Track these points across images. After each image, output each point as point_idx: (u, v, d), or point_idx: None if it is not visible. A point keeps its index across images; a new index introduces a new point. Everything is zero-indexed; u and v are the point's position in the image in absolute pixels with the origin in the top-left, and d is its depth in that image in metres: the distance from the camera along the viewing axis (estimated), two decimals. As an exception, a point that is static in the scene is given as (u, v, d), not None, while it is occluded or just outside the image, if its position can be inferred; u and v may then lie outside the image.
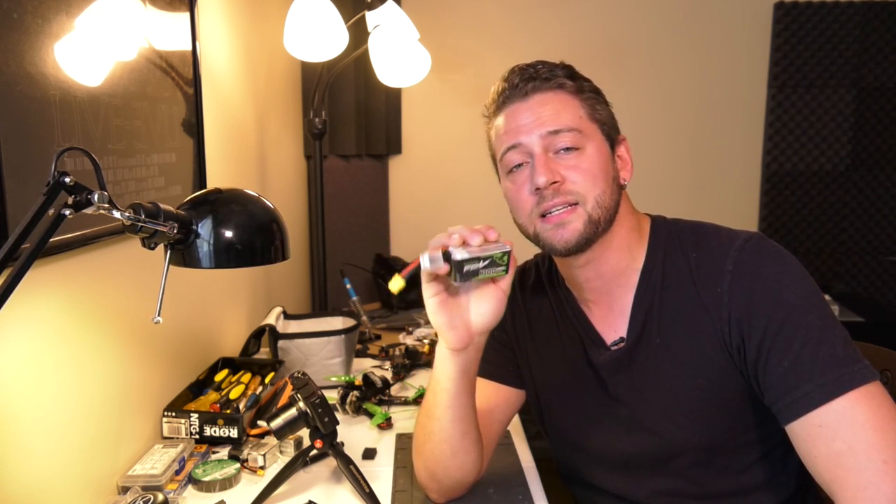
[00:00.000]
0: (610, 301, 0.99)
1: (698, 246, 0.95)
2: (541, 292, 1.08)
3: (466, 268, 0.82)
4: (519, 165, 0.94)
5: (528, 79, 0.93)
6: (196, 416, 1.23)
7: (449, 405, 0.95)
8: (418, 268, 0.84)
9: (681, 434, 0.94)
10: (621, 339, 0.98)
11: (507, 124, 0.94)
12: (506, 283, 0.89)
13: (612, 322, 0.99)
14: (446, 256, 0.82)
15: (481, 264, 0.83)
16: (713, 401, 0.92)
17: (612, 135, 0.96)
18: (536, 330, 1.07)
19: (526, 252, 1.18)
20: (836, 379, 0.80)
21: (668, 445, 0.95)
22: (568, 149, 0.91)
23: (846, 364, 0.81)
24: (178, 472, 1.12)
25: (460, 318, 0.90)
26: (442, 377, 0.94)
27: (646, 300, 0.96)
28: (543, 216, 0.92)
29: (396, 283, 0.84)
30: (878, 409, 0.79)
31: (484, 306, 0.89)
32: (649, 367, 0.95)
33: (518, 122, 0.93)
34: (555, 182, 0.90)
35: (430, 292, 0.88)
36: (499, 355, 1.10)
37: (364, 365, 1.72)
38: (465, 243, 0.84)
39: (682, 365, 0.93)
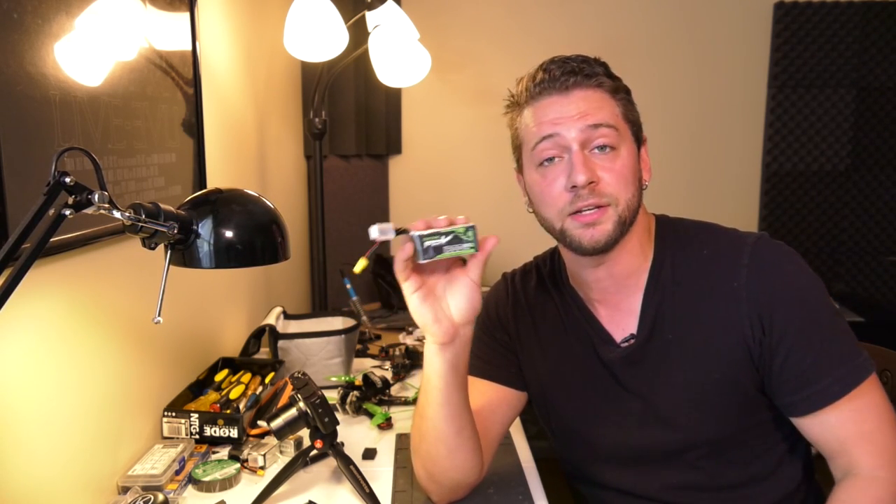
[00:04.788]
0: (618, 300, 1.00)
1: (708, 242, 0.97)
2: (544, 293, 1.08)
3: (427, 243, 0.82)
4: (551, 159, 0.93)
5: (570, 73, 0.92)
6: (196, 416, 1.23)
7: (441, 403, 0.94)
8: (378, 245, 0.83)
9: (694, 427, 0.96)
10: (632, 336, 0.99)
11: (543, 114, 0.93)
12: (474, 272, 0.88)
13: (621, 320, 1.00)
14: (403, 232, 0.82)
15: (444, 239, 0.83)
16: (728, 394, 0.94)
17: (639, 136, 0.97)
18: (542, 330, 1.07)
19: (527, 245, 1.18)
20: (850, 371, 0.89)
21: (682, 439, 0.96)
22: (603, 147, 0.91)
23: (855, 357, 0.90)
24: (178, 472, 1.12)
25: (443, 312, 0.89)
26: (432, 375, 0.93)
27: (656, 297, 0.97)
28: (573, 214, 0.91)
29: (359, 265, 0.83)
30: (883, 393, 0.92)
31: (458, 298, 0.89)
32: (662, 362, 0.96)
33: (558, 113, 0.91)
34: (592, 182, 0.89)
35: (409, 290, 0.87)
36: (500, 357, 1.10)
37: (364, 365, 1.72)
38: (429, 227, 0.84)
39: (697, 359, 0.94)
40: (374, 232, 0.81)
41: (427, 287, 0.89)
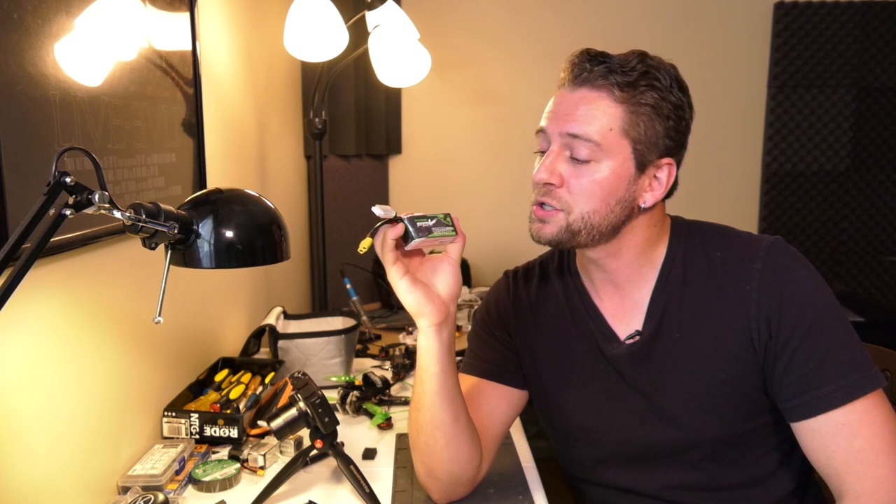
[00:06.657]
0: (623, 295, 1.00)
1: (722, 245, 0.98)
2: (547, 289, 1.09)
3: (419, 223, 0.90)
4: (544, 151, 0.96)
5: (585, 70, 0.91)
6: (196, 416, 1.23)
7: (438, 390, 0.96)
8: (380, 224, 0.91)
9: (698, 427, 0.96)
10: (637, 333, 0.99)
11: (550, 105, 0.96)
12: (455, 251, 0.95)
13: (625, 316, 1.00)
14: (398, 220, 0.91)
15: (430, 222, 0.91)
16: (733, 395, 0.94)
17: (645, 155, 0.91)
18: (543, 326, 1.07)
19: (527, 244, 1.18)
20: (856, 381, 0.87)
21: (684, 438, 0.97)
22: (581, 157, 0.91)
23: (864, 368, 0.89)
24: (178, 472, 1.12)
25: (433, 291, 0.94)
26: (429, 362, 0.95)
27: (664, 296, 0.97)
28: (535, 204, 0.96)
29: (364, 243, 0.90)
30: (890, 412, 0.89)
31: (443, 277, 0.95)
32: (669, 360, 0.97)
33: (554, 108, 0.94)
34: (549, 184, 0.92)
35: (397, 275, 0.92)
36: (500, 356, 1.10)
37: (364, 365, 1.72)
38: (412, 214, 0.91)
39: (705, 359, 0.95)
40: (378, 210, 0.89)
41: (411, 274, 0.93)
